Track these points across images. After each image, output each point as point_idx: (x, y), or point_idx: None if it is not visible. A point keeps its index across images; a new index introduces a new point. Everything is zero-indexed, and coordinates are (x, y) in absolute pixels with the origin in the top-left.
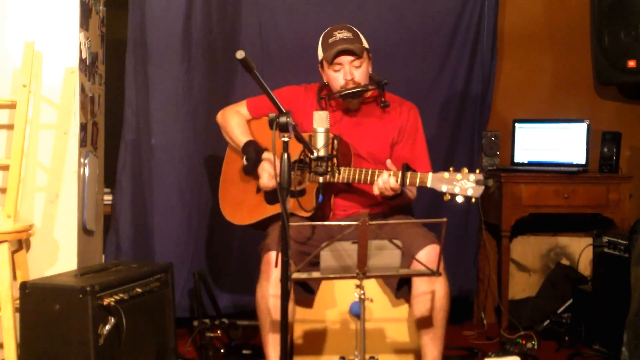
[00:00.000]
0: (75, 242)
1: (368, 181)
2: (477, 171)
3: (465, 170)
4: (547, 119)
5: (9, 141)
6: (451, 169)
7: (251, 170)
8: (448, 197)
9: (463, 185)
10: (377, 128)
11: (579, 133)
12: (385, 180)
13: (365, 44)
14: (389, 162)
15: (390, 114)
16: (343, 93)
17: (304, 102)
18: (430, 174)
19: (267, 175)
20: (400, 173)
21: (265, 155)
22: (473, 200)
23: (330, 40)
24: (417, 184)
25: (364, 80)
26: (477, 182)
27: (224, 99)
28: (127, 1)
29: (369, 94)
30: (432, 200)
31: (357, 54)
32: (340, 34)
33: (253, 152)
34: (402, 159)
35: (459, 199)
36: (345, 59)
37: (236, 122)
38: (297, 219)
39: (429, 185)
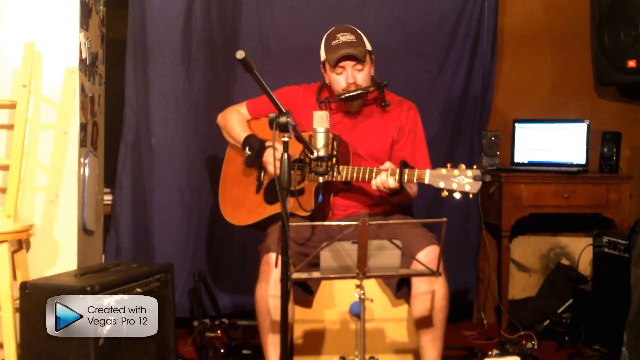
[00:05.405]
0: (75, 242)
1: (367, 179)
2: (475, 167)
3: (463, 166)
4: (547, 119)
5: (9, 141)
6: (449, 165)
7: (255, 160)
8: (446, 193)
9: (460, 181)
10: (377, 128)
11: (578, 133)
12: (384, 179)
13: (368, 46)
14: (387, 163)
15: (390, 114)
16: (344, 96)
17: (302, 102)
18: (428, 171)
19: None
20: (397, 170)
21: (268, 144)
22: (471, 196)
23: (334, 43)
24: (415, 181)
25: (365, 82)
26: (475, 178)
27: (224, 98)
28: (127, 1)
29: (369, 95)
30: (433, 200)
31: (360, 59)
32: (344, 37)
33: (256, 141)
34: (402, 158)
35: (457, 195)
36: (348, 63)
37: (236, 119)
38: (296, 218)
39: (426, 181)
